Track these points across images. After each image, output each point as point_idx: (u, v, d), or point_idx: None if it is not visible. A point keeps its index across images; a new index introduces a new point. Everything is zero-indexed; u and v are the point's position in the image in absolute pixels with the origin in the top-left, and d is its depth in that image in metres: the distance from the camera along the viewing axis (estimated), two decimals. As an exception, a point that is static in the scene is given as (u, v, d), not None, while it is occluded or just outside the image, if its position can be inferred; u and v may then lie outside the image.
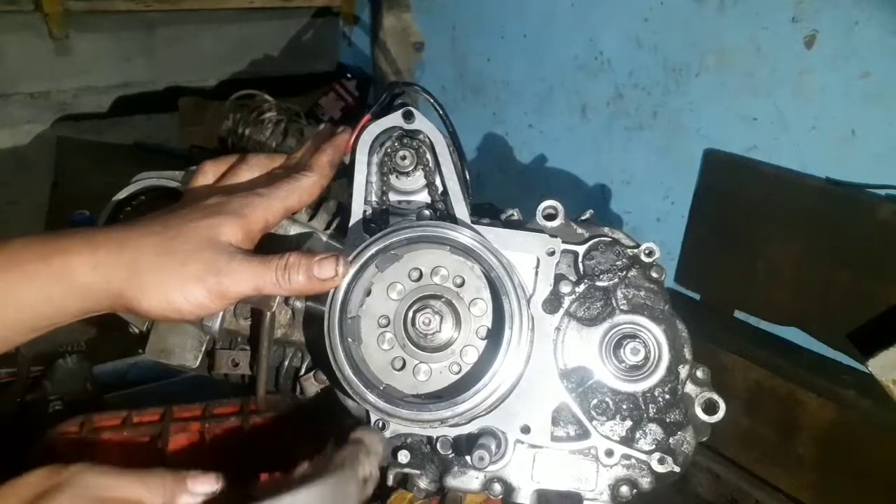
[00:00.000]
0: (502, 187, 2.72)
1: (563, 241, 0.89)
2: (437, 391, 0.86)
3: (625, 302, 0.90)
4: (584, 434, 0.88)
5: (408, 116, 0.89)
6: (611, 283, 0.90)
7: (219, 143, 2.93)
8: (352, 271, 0.82)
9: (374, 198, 0.91)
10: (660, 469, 0.87)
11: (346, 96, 3.32)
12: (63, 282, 0.70)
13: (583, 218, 0.94)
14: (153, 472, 0.70)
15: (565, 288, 0.88)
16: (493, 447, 0.84)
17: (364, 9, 3.36)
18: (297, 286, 0.76)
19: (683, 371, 0.89)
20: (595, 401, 0.89)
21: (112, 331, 1.79)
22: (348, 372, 0.81)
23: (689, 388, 0.91)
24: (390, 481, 0.89)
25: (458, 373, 0.86)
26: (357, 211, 0.89)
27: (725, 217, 1.82)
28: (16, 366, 1.82)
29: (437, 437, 0.87)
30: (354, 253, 0.83)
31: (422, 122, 0.89)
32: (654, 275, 0.90)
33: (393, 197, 0.92)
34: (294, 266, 0.75)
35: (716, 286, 1.87)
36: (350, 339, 0.83)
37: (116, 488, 0.67)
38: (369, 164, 0.90)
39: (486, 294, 0.86)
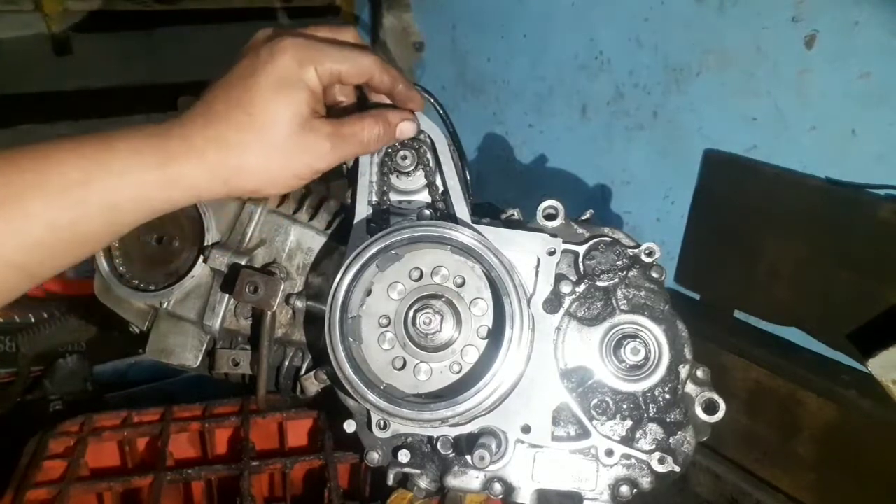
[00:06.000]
0: (502, 187, 2.71)
1: (564, 241, 0.89)
2: (438, 391, 0.86)
3: (625, 302, 0.90)
4: (584, 434, 0.88)
5: (408, 116, 0.88)
6: (611, 283, 0.90)
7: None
8: (354, 269, 0.82)
9: (374, 198, 0.91)
10: (660, 469, 0.87)
11: (346, 96, 3.31)
12: (178, 185, 0.72)
13: (583, 218, 0.94)
14: None
15: (566, 288, 0.88)
16: (493, 447, 0.84)
17: (364, 9, 3.36)
18: (379, 143, 0.84)
19: (684, 371, 0.89)
20: (595, 400, 0.89)
21: (112, 331, 1.79)
22: (349, 371, 0.81)
23: (690, 387, 0.91)
24: (390, 481, 0.90)
25: (458, 372, 0.86)
26: (358, 211, 0.89)
27: (725, 217, 1.82)
28: (16, 366, 1.81)
29: (438, 437, 0.87)
30: (355, 253, 0.83)
31: (422, 122, 0.89)
32: (655, 275, 0.90)
33: (393, 197, 0.92)
34: (373, 125, 0.82)
35: (716, 286, 1.86)
36: (351, 339, 0.83)
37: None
38: (370, 164, 0.90)
39: (487, 294, 0.86)
